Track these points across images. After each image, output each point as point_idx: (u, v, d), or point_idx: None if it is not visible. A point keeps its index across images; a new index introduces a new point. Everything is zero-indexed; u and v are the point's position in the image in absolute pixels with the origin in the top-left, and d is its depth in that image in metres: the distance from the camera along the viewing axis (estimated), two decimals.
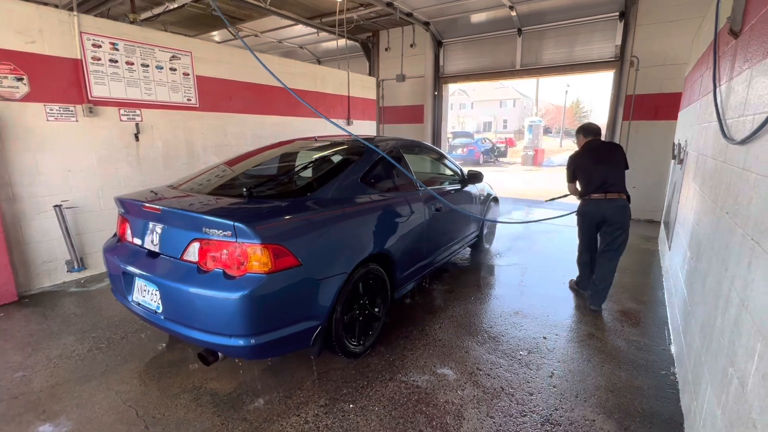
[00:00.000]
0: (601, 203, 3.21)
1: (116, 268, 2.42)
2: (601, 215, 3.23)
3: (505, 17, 7.52)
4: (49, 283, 3.84)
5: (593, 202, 3.25)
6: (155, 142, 4.51)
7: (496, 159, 22.70)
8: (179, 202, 2.33)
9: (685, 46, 5.71)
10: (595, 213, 3.26)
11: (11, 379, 2.39)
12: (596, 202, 3.23)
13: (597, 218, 3.28)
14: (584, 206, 3.35)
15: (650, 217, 6.71)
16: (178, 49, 4.59)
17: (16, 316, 3.22)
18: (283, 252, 2.02)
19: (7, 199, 3.48)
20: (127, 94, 4.19)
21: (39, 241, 3.72)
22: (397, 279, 2.91)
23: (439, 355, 2.67)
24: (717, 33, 2.41)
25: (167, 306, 2.13)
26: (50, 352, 2.68)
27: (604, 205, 3.20)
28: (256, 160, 3.24)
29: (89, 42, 3.85)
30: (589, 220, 3.35)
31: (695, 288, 2.25)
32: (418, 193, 3.25)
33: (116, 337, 2.89)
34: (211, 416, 2.09)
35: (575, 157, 3.45)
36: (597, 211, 3.24)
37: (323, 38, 9.36)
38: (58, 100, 3.72)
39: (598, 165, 3.26)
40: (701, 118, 3.03)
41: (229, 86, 5.22)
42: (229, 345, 1.98)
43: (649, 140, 6.54)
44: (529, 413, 2.11)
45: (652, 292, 3.77)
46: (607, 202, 3.19)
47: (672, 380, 2.39)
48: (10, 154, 3.48)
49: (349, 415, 2.09)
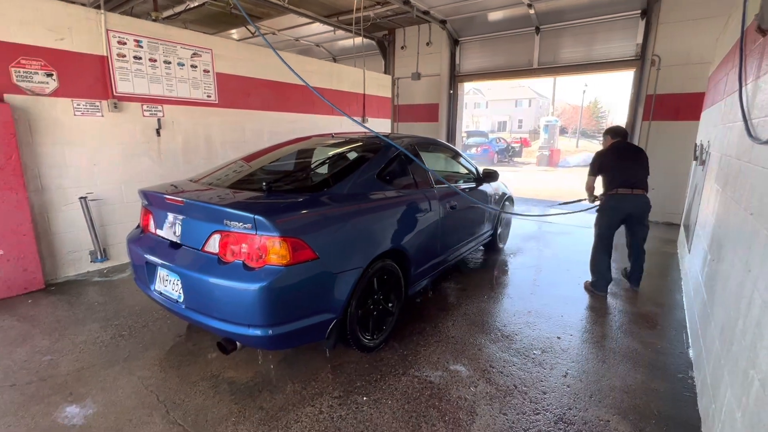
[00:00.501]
0: (628, 198, 3.33)
1: (139, 258, 2.50)
2: (627, 210, 3.37)
3: (523, 15, 7.45)
4: (74, 272, 3.98)
5: (618, 197, 3.36)
6: (176, 137, 4.62)
7: (510, 159, 22.49)
8: (201, 195, 2.40)
9: (709, 44, 5.57)
10: (621, 208, 3.38)
11: (40, 362, 2.49)
12: (622, 196, 3.35)
13: (622, 213, 3.39)
14: (609, 201, 3.43)
15: (669, 220, 6.57)
16: (199, 47, 4.69)
17: (43, 302, 3.34)
18: (302, 245, 2.06)
19: (35, 191, 3.61)
20: (149, 90, 4.30)
21: (65, 231, 3.86)
22: (411, 275, 2.93)
23: (452, 351, 2.68)
24: (744, 31, 2.35)
25: (188, 295, 2.19)
26: (76, 338, 2.78)
27: (630, 200, 3.33)
28: (274, 155, 3.29)
29: (115, 39, 3.96)
30: (614, 214, 3.42)
31: (716, 290, 2.21)
32: (434, 190, 3.26)
33: (138, 325, 2.98)
34: (228, 403, 2.15)
35: (603, 154, 3.57)
36: (622, 205, 3.36)
37: (339, 36, 9.41)
38: (85, 96, 3.84)
39: (625, 162, 3.39)
40: (726, 117, 2.97)
41: (248, 83, 5.30)
42: (247, 335, 2.04)
43: (670, 141, 6.40)
44: (542, 411, 2.11)
45: (670, 295, 3.70)
46: (634, 197, 3.33)
47: (689, 384, 2.35)
48: (40, 148, 3.61)
49: (362, 408, 2.13)
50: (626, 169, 3.36)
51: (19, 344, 2.69)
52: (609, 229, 3.47)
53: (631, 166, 3.38)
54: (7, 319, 3.04)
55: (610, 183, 3.41)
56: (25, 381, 2.30)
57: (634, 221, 3.41)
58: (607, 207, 3.45)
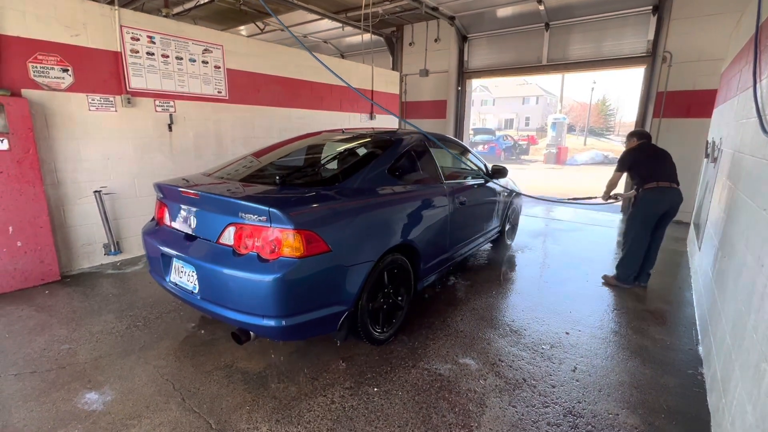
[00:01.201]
0: (670, 192, 3.39)
1: (155, 251, 2.55)
2: (668, 203, 3.41)
3: (532, 11, 7.40)
4: (88, 264, 4.05)
5: (660, 189, 3.39)
6: (187, 132, 4.67)
7: (517, 156, 22.38)
8: (216, 188, 2.44)
9: (722, 41, 5.51)
10: (663, 200, 3.41)
11: (59, 350, 2.56)
12: (664, 189, 3.39)
13: (665, 206, 3.42)
14: (650, 194, 3.43)
15: (678, 218, 6.50)
16: (211, 43, 4.73)
17: (59, 293, 3.42)
18: (315, 238, 2.09)
19: (52, 184, 3.69)
20: (162, 85, 4.35)
21: (80, 224, 3.93)
22: (421, 270, 2.95)
23: (460, 345, 2.70)
24: (759, 26, 2.33)
25: (203, 286, 2.24)
26: (92, 328, 2.85)
27: (670, 193, 3.39)
28: (286, 150, 3.33)
29: (128, 35, 4.02)
30: (655, 207, 3.42)
31: (727, 286, 2.21)
32: (443, 185, 3.27)
33: (152, 316, 3.04)
34: (242, 392, 2.19)
35: (633, 151, 3.61)
36: (665, 198, 3.40)
37: (348, 33, 9.41)
38: (99, 91, 3.90)
39: (659, 160, 3.49)
40: (739, 114, 2.95)
41: (258, 79, 5.34)
42: (261, 325, 2.08)
43: (681, 139, 6.34)
44: (551, 404, 2.13)
45: (679, 292, 3.69)
46: (672, 190, 3.40)
47: (699, 380, 2.36)
48: (56, 142, 3.68)
49: (373, 398, 2.16)
50: (662, 165, 3.46)
51: (38, 333, 2.76)
52: (651, 220, 3.47)
53: (665, 162, 3.47)
54: (26, 309, 3.11)
55: (649, 177, 3.44)
56: (46, 368, 2.37)
57: (668, 216, 3.47)
58: (648, 200, 3.44)
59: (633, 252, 3.59)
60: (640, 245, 3.54)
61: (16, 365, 2.39)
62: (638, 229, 3.54)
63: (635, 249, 3.57)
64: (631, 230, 3.61)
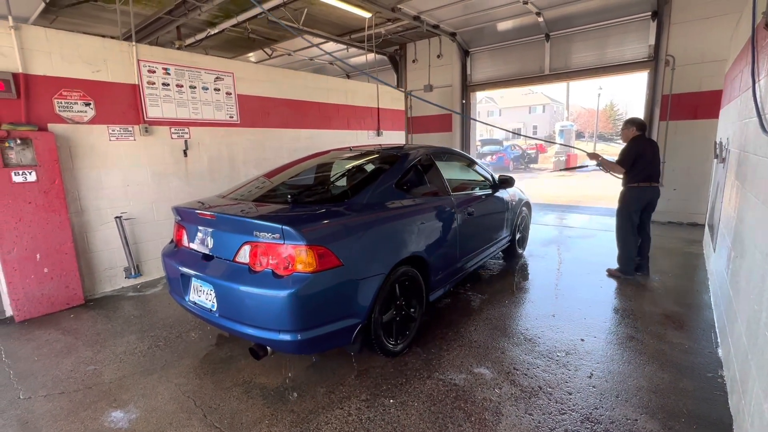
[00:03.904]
0: (651, 190, 3.88)
1: (174, 271, 2.65)
2: (649, 199, 3.92)
3: (532, 24, 7.55)
4: (110, 288, 4.19)
5: (646, 189, 3.87)
6: (201, 156, 4.85)
7: (526, 165, 22.32)
8: (231, 208, 2.55)
9: (724, 41, 5.53)
10: (646, 197, 3.90)
11: (84, 371, 2.66)
12: (648, 188, 3.87)
13: (646, 202, 3.92)
14: (637, 192, 3.89)
15: (693, 221, 6.43)
16: (222, 71, 4.95)
17: (84, 317, 3.54)
18: (327, 253, 2.17)
19: (76, 212, 3.86)
20: (177, 113, 4.56)
21: (102, 250, 4.09)
22: (432, 281, 2.99)
23: (475, 355, 2.71)
24: (755, 28, 2.38)
25: (221, 304, 2.32)
26: (116, 349, 2.95)
27: (653, 191, 3.90)
28: (296, 170, 3.45)
29: (145, 68, 4.24)
30: (640, 203, 3.92)
31: (740, 286, 2.20)
32: (451, 197, 3.33)
33: (172, 336, 3.13)
34: (261, 407, 2.24)
35: (637, 148, 3.85)
36: (648, 195, 3.90)
37: (352, 54, 9.70)
38: (119, 122, 4.11)
39: (654, 157, 3.86)
40: (742, 114, 2.96)
41: (267, 103, 5.54)
42: (277, 340, 2.14)
43: (690, 140, 6.31)
44: (568, 411, 2.12)
45: (696, 295, 3.64)
46: (654, 189, 3.89)
47: (720, 383, 2.32)
48: (79, 172, 3.87)
49: (389, 410, 2.19)
50: (654, 164, 3.84)
51: (65, 356, 2.87)
52: (636, 214, 3.94)
53: (655, 160, 3.84)
54: (53, 332, 3.24)
55: (640, 175, 3.84)
56: (73, 389, 2.46)
57: (650, 209, 3.99)
58: (635, 196, 3.90)
59: (628, 244, 4.01)
60: (629, 233, 3.98)
61: (46, 387, 2.49)
62: (627, 220, 3.96)
63: (626, 238, 4.01)
64: (622, 227, 4.01)
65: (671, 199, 6.58)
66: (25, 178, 3.38)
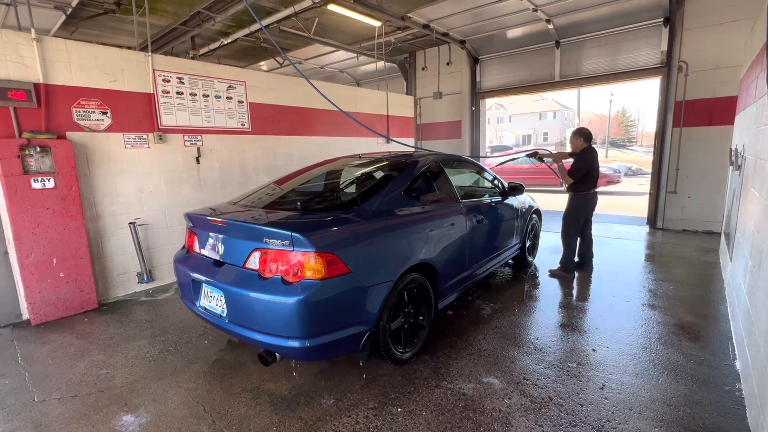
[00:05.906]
0: (595, 195, 4.40)
1: (185, 277, 2.69)
2: (594, 204, 4.44)
3: (541, 31, 7.54)
4: (123, 292, 4.26)
5: (592, 196, 4.35)
6: (213, 164, 4.93)
7: None
8: (241, 215, 2.58)
9: (739, 47, 5.45)
10: (593, 202, 4.41)
11: (97, 375, 2.70)
12: (594, 195, 4.38)
13: (593, 206, 4.43)
14: (586, 200, 4.34)
15: (709, 229, 6.29)
16: (234, 80, 5.05)
17: (97, 321, 3.61)
18: (335, 260, 2.18)
19: (91, 218, 3.95)
20: (190, 121, 4.65)
21: (116, 255, 4.17)
22: (441, 289, 2.98)
23: (484, 364, 2.68)
24: None
25: (231, 310, 2.34)
26: (128, 353, 2.99)
27: (596, 197, 4.43)
28: (305, 177, 3.48)
29: (160, 78, 4.35)
30: (588, 210, 4.40)
31: (758, 296, 2.14)
32: (459, 204, 3.33)
33: (182, 341, 3.16)
34: (269, 414, 2.25)
35: (589, 154, 4.27)
36: (594, 201, 4.41)
37: (362, 62, 9.79)
38: (134, 130, 4.21)
39: (598, 167, 4.34)
40: (758, 120, 2.91)
41: (278, 111, 5.62)
42: (286, 346, 2.15)
43: (704, 147, 6.21)
44: (579, 423, 2.08)
45: (712, 305, 3.55)
46: (596, 195, 4.42)
47: (737, 396, 2.26)
48: (95, 179, 3.97)
49: (397, 418, 2.17)
50: (597, 173, 4.33)
51: (79, 359, 2.91)
52: (583, 218, 4.40)
53: (598, 169, 4.33)
54: (67, 336, 3.30)
55: (590, 183, 4.30)
56: (86, 392, 2.50)
57: (592, 213, 4.51)
58: (584, 202, 4.34)
59: (572, 246, 4.45)
60: (573, 236, 4.43)
61: (59, 390, 2.54)
62: (574, 223, 4.39)
63: (573, 244, 4.45)
64: (569, 229, 4.43)
65: (686, 206, 6.46)
66: (43, 185, 3.48)
